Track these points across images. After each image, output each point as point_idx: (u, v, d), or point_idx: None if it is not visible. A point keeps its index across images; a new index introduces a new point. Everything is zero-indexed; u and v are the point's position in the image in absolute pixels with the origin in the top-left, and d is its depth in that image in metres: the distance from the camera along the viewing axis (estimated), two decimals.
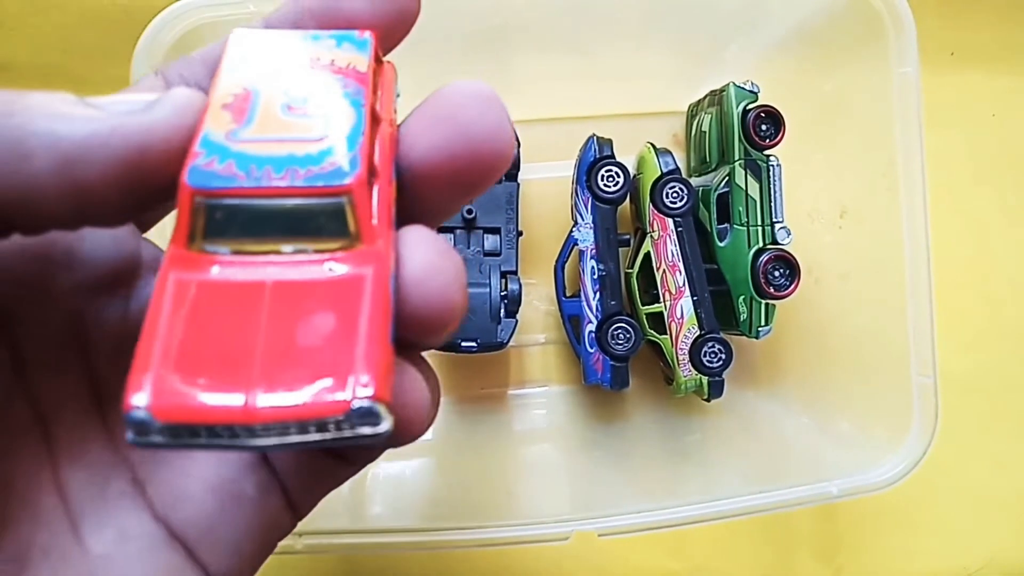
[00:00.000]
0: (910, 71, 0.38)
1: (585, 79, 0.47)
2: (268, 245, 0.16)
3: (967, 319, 0.49)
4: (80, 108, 0.16)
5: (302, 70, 0.18)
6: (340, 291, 0.16)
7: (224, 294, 0.16)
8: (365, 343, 0.15)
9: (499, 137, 0.18)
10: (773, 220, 0.42)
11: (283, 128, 0.17)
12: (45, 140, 0.15)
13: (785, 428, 0.45)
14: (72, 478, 0.19)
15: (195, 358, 0.15)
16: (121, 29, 0.37)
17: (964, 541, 0.49)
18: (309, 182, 0.16)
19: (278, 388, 0.14)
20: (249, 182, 0.16)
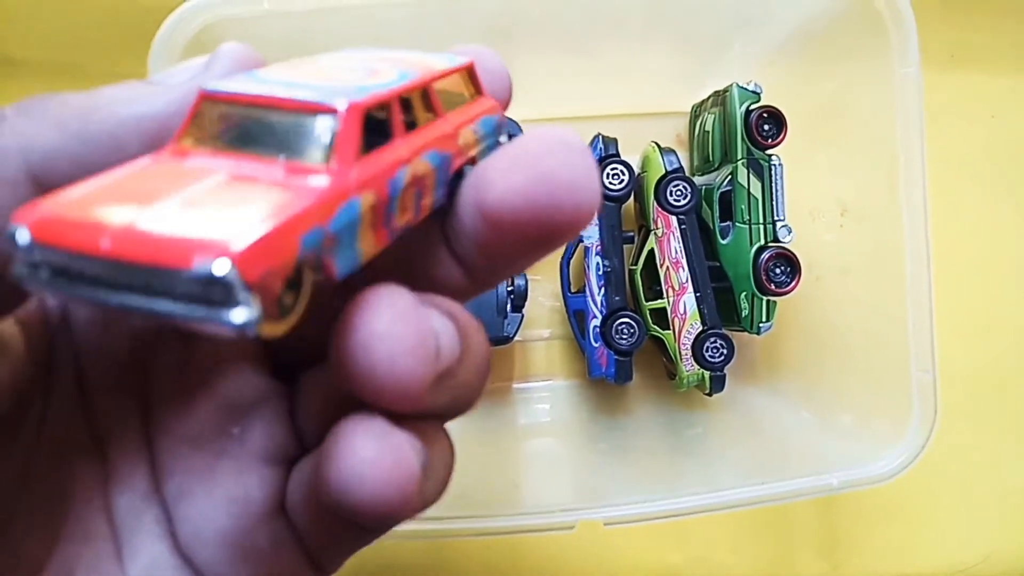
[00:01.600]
0: (911, 71, 0.39)
1: (590, 79, 0.47)
2: (255, 146, 0.15)
3: (966, 316, 0.49)
4: (149, 88, 0.16)
5: (376, 56, 0.19)
6: (283, 187, 0.14)
7: (170, 171, 0.15)
8: (266, 218, 0.13)
9: (583, 189, 0.16)
10: (775, 218, 0.43)
11: (323, 74, 0.17)
12: (131, 124, 0.16)
13: (786, 423, 0.46)
14: (119, 503, 0.19)
15: (106, 195, 0.14)
16: (136, 26, 0.38)
17: (962, 536, 0.49)
18: (307, 99, 0.15)
19: (152, 225, 0.12)
20: (256, 90, 0.15)
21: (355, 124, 0.15)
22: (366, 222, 0.15)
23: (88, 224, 0.13)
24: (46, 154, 0.16)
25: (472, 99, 0.20)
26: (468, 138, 0.19)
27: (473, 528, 0.36)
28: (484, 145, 0.20)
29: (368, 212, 0.15)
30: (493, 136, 0.20)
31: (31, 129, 0.16)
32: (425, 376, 0.15)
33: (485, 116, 0.20)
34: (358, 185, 0.15)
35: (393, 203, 0.16)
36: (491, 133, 0.20)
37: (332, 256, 0.14)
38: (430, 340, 0.16)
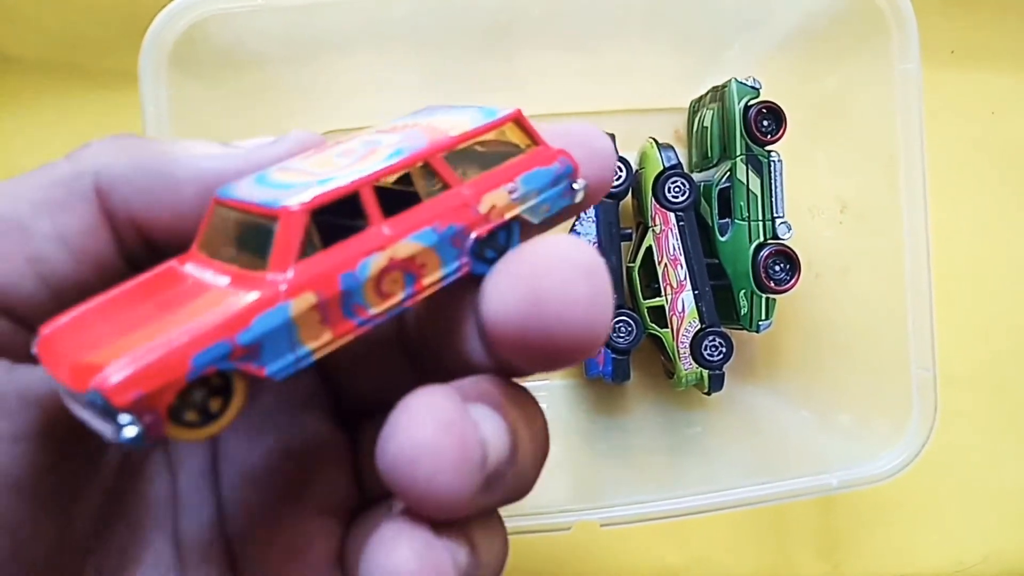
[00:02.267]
0: (912, 68, 0.38)
1: (588, 75, 0.47)
2: (226, 252, 0.17)
3: (967, 314, 0.49)
4: (218, 147, 0.18)
5: (403, 129, 0.19)
6: (207, 299, 0.16)
7: (158, 283, 0.17)
8: (163, 344, 0.14)
9: (582, 320, 0.15)
10: (774, 215, 0.42)
11: (318, 165, 0.18)
12: (191, 172, 0.18)
13: (785, 422, 0.45)
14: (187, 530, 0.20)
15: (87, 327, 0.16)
16: (127, 22, 0.37)
17: (962, 536, 0.49)
18: (262, 203, 0.16)
19: (80, 355, 0.15)
20: (238, 194, 0.17)
21: (294, 228, 0.16)
22: (307, 322, 0.16)
23: (59, 356, 0.15)
24: (114, 179, 0.18)
25: (527, 151, 0.19)
26: (499, 201, 0.18)
27: None
28: (535, 202, 0.19)
29: (308, 312, 0.16)
30: (548, 188, 0.19)
31: (108, 155, 0.18)
32: (468, 488, 0.15)
33: (533, 171, 0.19)
34: (291, 290, 0.16)
35: (354, 295, 0.16)
36: (545, 186, 0.19)
37: (254, 362, 0.15)
38: (475, 451, 0.15)
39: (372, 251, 0.17)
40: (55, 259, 0.17)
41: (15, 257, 0.17)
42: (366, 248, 0.17)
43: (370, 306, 0.17)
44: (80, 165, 0.18)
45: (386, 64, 0.43)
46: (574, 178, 0.20)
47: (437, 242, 0.17)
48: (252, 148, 0.19)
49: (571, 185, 0.20)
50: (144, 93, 0.35)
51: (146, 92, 0.35)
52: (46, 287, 0.17)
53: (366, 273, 0.16)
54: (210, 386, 0.15)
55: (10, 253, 0.17)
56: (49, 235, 0.17)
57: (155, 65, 0.35)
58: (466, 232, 0.18)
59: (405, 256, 0.17)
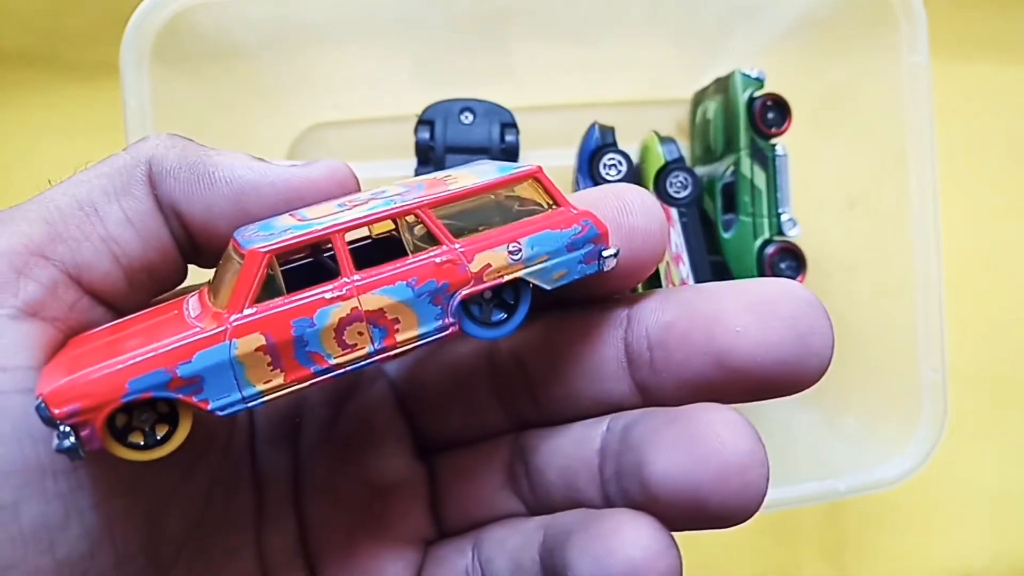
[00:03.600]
0: (921, 60, 0.38)
1: (588, 66, 0.46)
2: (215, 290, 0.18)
3: (977, 313, 0.49)
4: (257, 161, 0.20)
5: (418, 184, 0.19)
6: (168, 330, 0.17)
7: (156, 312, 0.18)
8: (105, 365, 0.16)
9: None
10: (779, 211, 0.42)
11: (316, 213, 0.18)
12: (227, 175, 0.19)
13: (793, 423, 0.45)
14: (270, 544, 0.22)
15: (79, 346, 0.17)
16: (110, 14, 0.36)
17: (971, 539, 0.49)
18: (243, 243, 0.17)
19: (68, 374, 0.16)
20: (240, 237, 0.18)
21: (253, 269, 0.16)
22: (255, 363, 0.16)
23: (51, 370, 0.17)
24: (163, 170, 0.20)
25: (545, 211, 0.19)
26: (495, 261, 0.18)
27: None
28: (543, 266, 0.18)
29: (255, 354, 0.16)
30: (563, 253, 0.18)
31: (161, 148, 0.20)
32: None
33: (542, 233, 0.18)
34: (239, 329, 0.16)
35: (310, 342, 0.17)
36: (558, 250, 0.18)
37: (196, 395, 0.16)
38: None
39: (334, 300, 0.17)
40: (125, 239, 0.19)
41: (94, 238, 0.19)
42: (328, 296, 0.17)
43: (330, 356, 0.17)
44: (137, 155, 0.20)
45: (376, 55, 0.42)
46: (602, 243, 0.19)
47: (412, 298, 0.17)
48: (285, 166, 0.20)
49: (599, 252, 0.19)
50: (126, 86, 0.34)
51: (128, 85, 0.34)
52: (119, 267, 0.19)
53: (324, 321, 0.17)
54: (158, 412, 0.16)
55: (90, 234, 0.19)
56: (119, 218, 0.19)
57: (137, 57, 0.34)
58: (450, 290, 0.17)
59: (373, 309, 0.17)
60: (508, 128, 0.43)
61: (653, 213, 0.20)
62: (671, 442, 0.17)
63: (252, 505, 0.22)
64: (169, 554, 0.20)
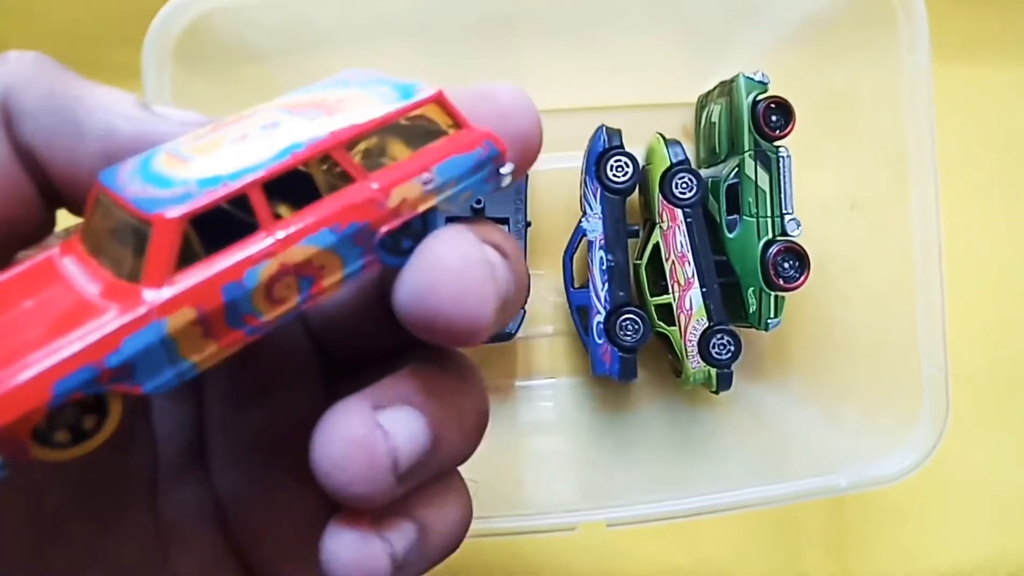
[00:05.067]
0: (921, 60, 0.38)
1: (594, 70, 0.47)
2: (102, 245, 0.16)
3: (978, 312, 0.49)
4: (140, 111, 0.17)
5: (309, 108, 0.17)
6: (75, 313, 0.15)
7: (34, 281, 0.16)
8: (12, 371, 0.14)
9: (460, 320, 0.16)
10: (783, 211, 0.42)
11: (205, 151, 0.16)
12: (99, 126, 0.16)
13: (794, 421, 0.45)
14: (168, 500, 0.20)
15: None
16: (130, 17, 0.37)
17: (974, 537, 0.49)
18: (137, 202, 0.15)
19: None
20: (115, 185, 0.16)
21: (169, 238, 0.15)
22: (188, 336, 0.15)
23: None
24: (21, 108, 0.16)
25: (449, 134, 0.18)
26: (411, 194, 0.17)
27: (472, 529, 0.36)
28: (453, 191, 0.18)
29: (187, 328, 0.15)
30: (469, 175, 0.18)
31: (22, 77, 0.16)
32: (381, 490, 0.17)
33: (450, 159, 0.18)
34: (166, 306, 0.15)
35: (241, 305, 0.15)
36: (465, 174, 0.18)
37: (128, 382, 0.15)
38: (383, 459, 0.17)
39: (261, 259, 0.15)
40: None
41: None
42: (253, 255, 0.15)
43: (261, 314, 0.16)
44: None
45: (388, 58, 0.42)
46: (501, 161, 0.18)
47: (336, 243, 0.16)
48: (178, 123, 0.17)
49: (497, 170, 0.18)
50: (147, 87, 0.35)
51: (149, 86, 0.35)
52: None
53: (254, 282, 0.15)
54: (83, 404, 0.15)
55: None
56: None
57: (158, 59, 0.35)
58: (371, 229, 0.17)
59: (300, 260, 0.16)
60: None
61: (529, 114, 0.19)
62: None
63: (147, 466, 0.20)
64: (51, 527, 0.18)
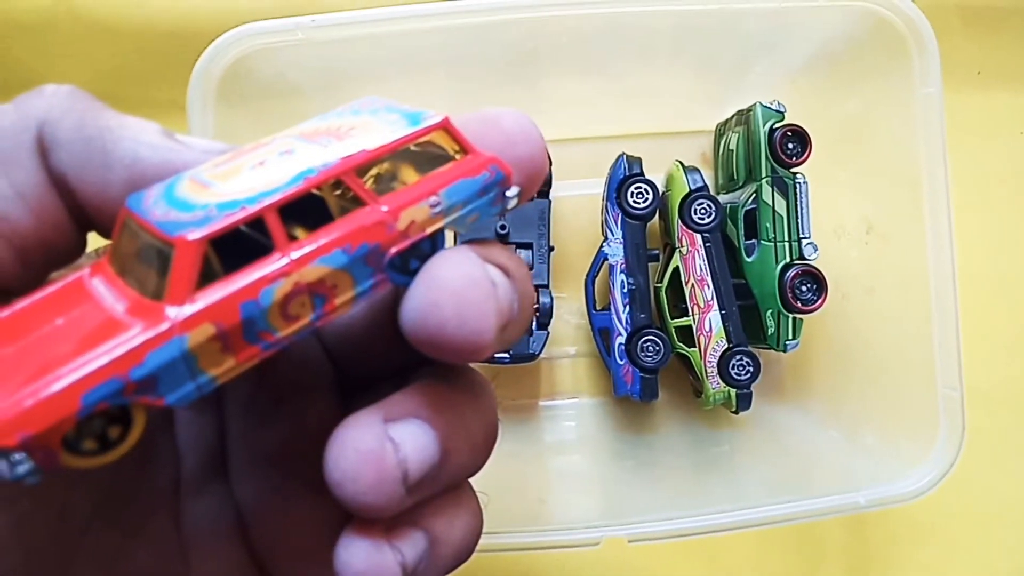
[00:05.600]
0: (933, 91, 0.39)
1: (615, 100, 0.48)
2: (128, 267, 0.17)
3: (994, 333, 0.49)
4: (165, 140, 0.18)
5: (324, 136, 0.18)
6: (102, 331, 0.16)
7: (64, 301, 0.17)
8: (47, 386, 0.14)
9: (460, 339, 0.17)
10: (800, 236, 0.43)
11: (226, 178, 0.17)
12: (127, 155, 0.17)
13: (812, 441, 0.46)
14: (190, 507, 0.21)
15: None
16: (172, 56, 0.39)
17: (995, 554, 0.48)
18: (160, 225, 0.16)
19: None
20: (140, 209, 0.16)
21: (190, 259, 0.16)
22: (207, 351, 0.16)
23: None
24: (55, 138, 0.17)
25: (456, 159, 0.19)
26: (419, 216, 0.18)
27: (498, 544, 0.37)
28: (460, 214, 0.19)
29: (207, 343, 0.16)
30: (475, 199, 0.19)
31: (56, 110, 0.17)
32: (390, 502, 0.17)
33: (458, 183, 0.18)
34: (188, 322, 0.16)
35: (257, 322, 0.16)
36: (471, 197, 0.19)
37: (151, 394, 0.16)
38: (392, 472, 0.17)
39: (276, 278, 0.16)
40: (15, 217, 0.17)
41: None
42: (269, 275, 0.16)
43: (276, 330, 0.17)
44: (27, 115, 0.17)
45: (417, 92, 0.44)
46: (506, 185, 0.19)
47: (348, 263, 0.17)
48: (200, 151, 0.18)
49: (503, 193, 0.19)
50: (192, 122, 0.37)
51: (194, 121, 0.37)
52: (11, 248, 0.17)
53: (269, 300, 0.16)
54: (109, 415, 0.16)
55: None
56: (7, 193, 0.17)
57: (203, 96, 0.37)
58: (381, 250, 0.18)
59: (313, 280, 0.17)
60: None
61: (533, 138, 0.19)
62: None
63: (169, 477, 0.21)
64: (77, 535, 0.19)
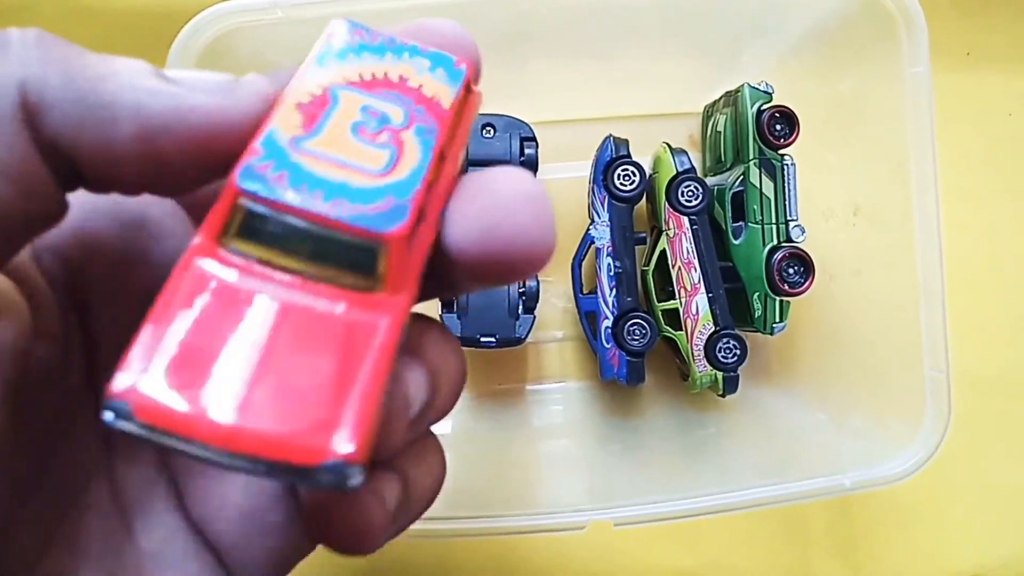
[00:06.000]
0: (922, 71, 0.38)
1: (602, 81, 0.48)
2: (295, 262, 0.16)
3: (982, 316, 0.49)
4: (163, 83, 0.16)
5: (386, 89, 0.18)
6: (349, 334, 0.16)
7: (238, 302, 0.16)
8: (359, 398, 0.15)
9: (532, 240, 0.17)
10: (787, 218, 0.43)
11: (347, 150, 0.16)
12: (131, 110, 0.15)
13: (799, 423, 0.46)
14: (126, 476, 0.20)
15: (190, 364, 0.15)
16: (153, 35, 0.38)
17: (983, 537, 0.49)
18: (353, 221, 0.16)
19: (260, 420, 0.14)
20: (296, 200, 0.16)
21: (404, 247, 0.16)
22: None
23: (190, 415, 0.14)
24: (42, 100, 0.15)
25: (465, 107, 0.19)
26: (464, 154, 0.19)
27: (484, 528, 0.37)
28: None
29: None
30: None
31: (36, 65, 0.15)
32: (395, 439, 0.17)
33: (472, 120, 0.20)
34: (407, 301, 0.16)
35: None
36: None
37: None
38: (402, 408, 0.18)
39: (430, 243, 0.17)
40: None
41: None
42: (427, 240, 0.17)
43: None
44: (1, 77, 0.15)
45: None
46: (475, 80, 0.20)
47: None
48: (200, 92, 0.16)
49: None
50: None
51: None
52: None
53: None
54: None
55: None
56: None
57: None
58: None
59: None
60: (527, 142, 0.44)
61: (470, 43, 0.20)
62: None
63: (99, 437, 0.20)
64: (11, 506, 0.18)
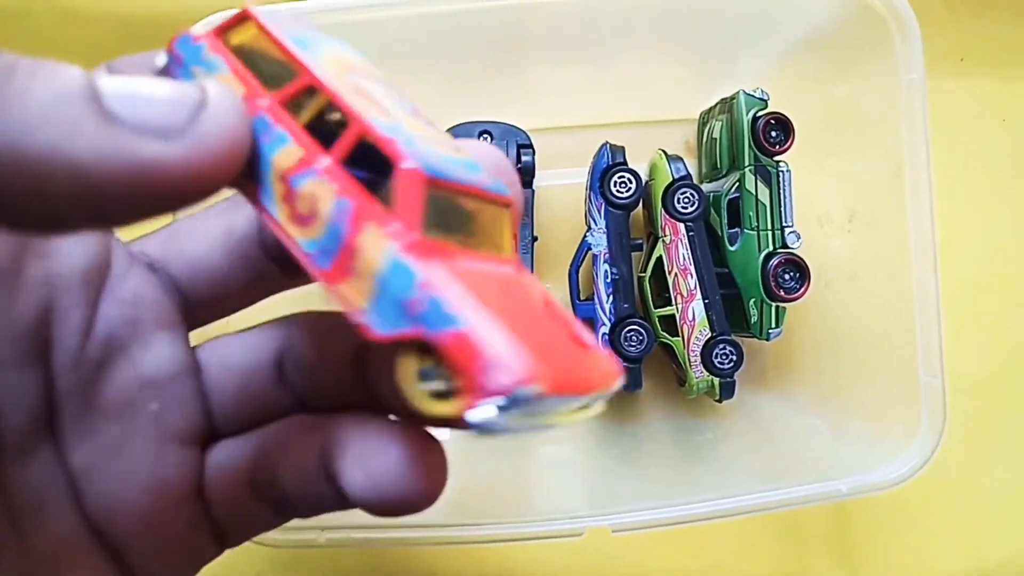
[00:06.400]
0: (916, 78, 0.39)
1: (599, 88, 0.48)
2: (460, 240, 0.16)
3: (977, 321, 0.49)
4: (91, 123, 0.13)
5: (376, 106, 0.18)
6: (529, 292, 0.17)
7: (499, 284, 0.16)
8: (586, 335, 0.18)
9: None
10: (783, 224, 0.43)
11: (423, 130, 0.17)
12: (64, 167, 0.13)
13: (795, 428, 0.46)
14: (16, 479, 0.18)
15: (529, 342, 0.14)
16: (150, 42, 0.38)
17: (980, 542, 0.49)
18: (494, 189, 0.17)
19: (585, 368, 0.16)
20: (466, 178, 0.17)
21: (516, 217, 0.18)
22: None
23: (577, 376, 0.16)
24: None
25: None
26: None
27: (481, 535, 0.36)
28: None
29: None
30: None
31: None
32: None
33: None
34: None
35: None
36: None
37: None
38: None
39: None
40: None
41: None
42: None
43: None
44: None
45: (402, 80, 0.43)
46: None
47: None
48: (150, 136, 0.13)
49: None
50: None
51: None
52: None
53: None
54: None
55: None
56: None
57: None
58: None
59: None
60: (524, 149, 0.45)
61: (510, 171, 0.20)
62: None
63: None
64: None
